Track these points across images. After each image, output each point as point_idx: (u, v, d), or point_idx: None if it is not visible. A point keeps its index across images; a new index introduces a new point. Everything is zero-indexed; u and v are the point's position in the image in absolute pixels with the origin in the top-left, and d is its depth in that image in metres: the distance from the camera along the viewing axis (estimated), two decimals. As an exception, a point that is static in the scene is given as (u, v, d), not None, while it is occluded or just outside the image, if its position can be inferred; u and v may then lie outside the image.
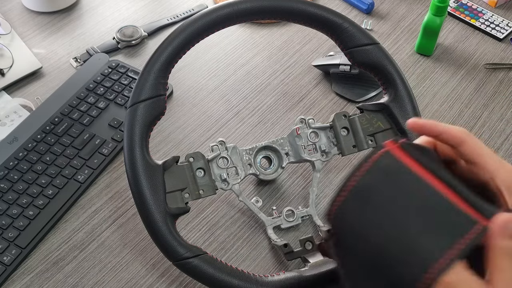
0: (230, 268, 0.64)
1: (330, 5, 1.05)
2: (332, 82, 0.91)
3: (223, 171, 0.69)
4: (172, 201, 0.64)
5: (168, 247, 0.63)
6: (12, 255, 0.70)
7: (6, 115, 0.85)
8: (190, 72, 0.94)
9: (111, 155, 0.80)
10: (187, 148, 0.83)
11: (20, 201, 0.74)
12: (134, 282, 0.70)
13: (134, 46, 0.97)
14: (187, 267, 0.63)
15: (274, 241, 0.70)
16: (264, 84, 0.92)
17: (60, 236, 0.74)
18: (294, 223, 0.72)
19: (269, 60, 0.96)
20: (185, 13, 1.03)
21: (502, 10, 1.05)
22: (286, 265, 0.72)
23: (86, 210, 0.76)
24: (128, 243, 0.73)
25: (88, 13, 1.03)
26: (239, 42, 0.99)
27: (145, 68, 0.65)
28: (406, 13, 1.04)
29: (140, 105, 0.64)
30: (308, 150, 0.72)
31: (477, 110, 0.89)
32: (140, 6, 1.05)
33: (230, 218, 0.76)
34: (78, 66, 0.93)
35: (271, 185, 0.79)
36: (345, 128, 0.71)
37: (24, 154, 0.78)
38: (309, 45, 0.98)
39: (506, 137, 0.86)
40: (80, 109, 0.84)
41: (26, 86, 0.90)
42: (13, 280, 0.70)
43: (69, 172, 0.78)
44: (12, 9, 1.02)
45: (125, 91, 0.87)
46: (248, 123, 0.87)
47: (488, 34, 1.00)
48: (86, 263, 0.71)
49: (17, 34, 0.97)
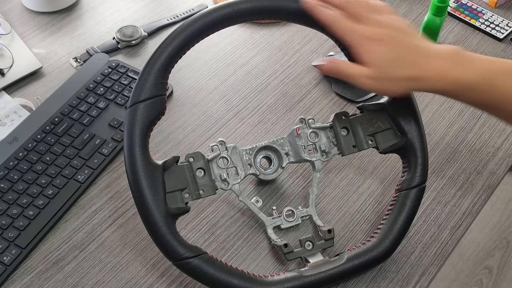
0: (230, 268, 0.64)
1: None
2: (332, 82, 0.91)
3: (223, 171, 0.69)
4: (172, 201, 0.64)
5: (168, 247, 0.63)
6: (12, 255, 0.70)
7: (6, 115, 0.85)
8: (190, 72, 0.94)
9: (111, 155, 0.80)
10: (187, 148, 0.83)
11: (20, 201, 0.74)
12: (134, 282, 0.70)
13: (134, 46, 0.97)
14: (187, 267, 0.63)
15: (274, 241, 0.70)
16: (264, 84, 0.92)
17: (60, 236, 0.74)
18: (294, 223, 0.72)
19: (269, 60, 0.96)
20: (185, 13, 1.03)
21: (502, 10, 1.05)
22: (286, 265, 0.72)
23: (86, 210, 0.76)
24: (128, 243, 0.73)
25: (88, 13, 1.03)
26: (239, 42, 0.99)
27: (145, 68, 0.65)
28: (406, 13, 1.04)
29: (140, 105, 0.64)
30: (308, 150, 0.72)
31: (477, 110, 0.89)
32: (140, 6, 1.05)
33: (230, 218, 0.76)
34: (78, 66, 0.93)
35: (271, 185, 0.79)
36: (345, 128, 0.71)
37: (24, 154, 0.78)
38: (309, 45, 0.98)
39: (506, 137, 0.86)
40: (80, 109, 0.84)
41: (26, 86, 0.90)
42: (13, 280, 0.70)
43: (69, 172, 0.78)
44: (12, 9, 1.02)
45: (125, 91, 0.88)
46: (248, 123, 0.87)
47: (488, 34, 1.00)
48: (86, 263, 0.72)
49: (17, 34, 0.97)
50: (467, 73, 0.60)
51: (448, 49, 0.61)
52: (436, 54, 0.61)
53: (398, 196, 0.69)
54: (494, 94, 0.61)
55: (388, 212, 0.70)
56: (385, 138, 0.71)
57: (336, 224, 0.76)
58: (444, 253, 0.73)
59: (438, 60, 0.60)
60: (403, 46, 0.61)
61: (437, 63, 0.60)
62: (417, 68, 0.60)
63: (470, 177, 0.81)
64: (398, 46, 0.61)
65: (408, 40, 0.61)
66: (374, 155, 0.83)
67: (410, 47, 0.61)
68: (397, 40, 0.61)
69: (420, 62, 0.60)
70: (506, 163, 0.82)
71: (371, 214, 0.77)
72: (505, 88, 0.60)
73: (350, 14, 0.63)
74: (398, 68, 0.60)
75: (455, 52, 0.61)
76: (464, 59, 0.61)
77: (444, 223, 0.76)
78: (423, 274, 0.71)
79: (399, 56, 0.60)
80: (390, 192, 0.79)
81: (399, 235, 0.68)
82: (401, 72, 0.60)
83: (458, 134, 0.86)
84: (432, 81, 0.60)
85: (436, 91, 0.62)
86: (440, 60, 0.60)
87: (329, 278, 0.66)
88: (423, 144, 0.69)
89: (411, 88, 0.63)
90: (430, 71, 0.60)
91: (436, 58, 0.60)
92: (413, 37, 0.62)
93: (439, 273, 0.72)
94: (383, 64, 0.60)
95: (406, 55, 0.60)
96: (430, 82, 0.60)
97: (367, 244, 0.68)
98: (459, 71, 0.60)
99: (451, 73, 0.60)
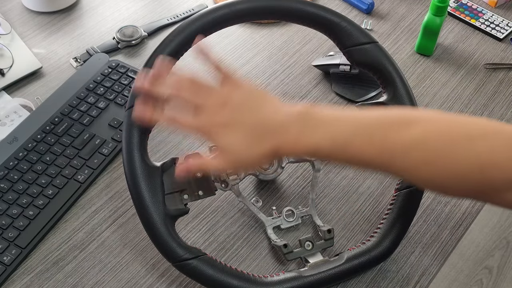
0: (229, 269, 0.64)
1: (330, 5, 1.05)
2: (332, 82, 0.91)
3: (222, 171, 0.69)
4: (171, 203, 0.64)
5: (167, 248, 0.63)
6: (12, 255, 0.70)
7: (6, 115, 0.85)
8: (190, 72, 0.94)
9: (111, 155, 0.80)
10: (187, 148, 0.83)
11: (20, 201, 0.74)
12: (134, 282, 0.70)
13: (134, 46, 0.97)
14: (186, 268, 0.63)
15: (274, 241, 0.70)
16: (264, 84, 0.92)
17: (60, 236, 0.74)
18: (294, 223, 0.72)
19: (269, 60, 0.96)
20: (185, 13, 1.03)
21: (502, 10, 1.05)
22: (286, 265, 0.72)
23: (86, 210, 0.76)
24: (128, 243, 0.73)
25: (88, 13, 1.03)
26: (239, 42, 0.99)
27: (143, 69, 0.65)
28: (406, 13, 1.04)
29: None
30: (308, 150, 0.71)
31: (477, 110, 0.89)
32: (140, 6, 1.05)
33: (230, 218, 0.76)
34: (78, 66, 0.93)
35: (271, 185, 0.79)
36: (345, 128, 0.71)
37: (24, 154, 0.78)
38: (309, 45, 0.98)
39: (506, 137, 0.86)
40: (80, 109, 0.84)
41: (26, 86, 0.90)
42: (13, 280, 0.70)
43: (69, 172, 0.78)
44: (12, 9, 1.02)
45: (125, 91, 0.87)
46: (248, 123, 0.87)
47: (488, 34, 1.00)
48: (86, 263, 0.72)
49: (17, 34, 0.97)
50: (316, 138, 0.54)
51: (297, 111, 0.56)
52: (286, 119, 0.56)
53: (398, 196, 0.69)
54: (350, 159, 0.55)
55: (388, 212, 0.70)
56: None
57: (336, 224, 0.76)
58: (444, 253, 0.73)
59: (288, 127, 0.55)
60: (250, 124, 0.56)
61: (288, 130, 0.55)
62: (271, 142, 0.55)
63: (470, 177, 0.81)
64: (245, 127, 0.56)
65: (253, 115, 0.56)
66: (374, 155, 0.82)
67: (257, 123, 0.56)
68: (241, 120, 0.56)
69: (272, 135, 0.55)
70: (506, 163, 0.82)
71: (371, 214, 0.77)
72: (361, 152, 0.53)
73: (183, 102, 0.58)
74: (254, 147, 0.56)
75: (304, 115, 0.55)
76: (311, 122, 0.55)
77: (444, 223, 0.76)
78: (423, 274, 0.71)
79: (250, 137, 0.56)
80: (390, 192, 0.79)
81: (399, 235, 0.68)
82: (258, 150, 0.56)
83: (458, 134, 0.86)
84: (289, 149, 0.56)
85: (299, 156, 0.64)
86: (291, 126, 0.55)
87: (329, 278, 0.66)
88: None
89: (274, 157, 0.66)
90: (283, 140, 0.55)
91: (287, 124, 0.55)
92: (257, 106, 0.57)
93: (439, 273, 0.72)
94: (237, 149, 0.56)
95: (256, 132, 0.56)
96: (288, 150, 0.56)
97: (367, 244, 0.68)
98: (309, 137, 0.55)
99: (301, 139, 0.55)
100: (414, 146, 0.51)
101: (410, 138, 0.51)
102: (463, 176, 0.50)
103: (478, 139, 0.50)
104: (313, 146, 0.54)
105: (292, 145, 0.55)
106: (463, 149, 0.50)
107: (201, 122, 0.57)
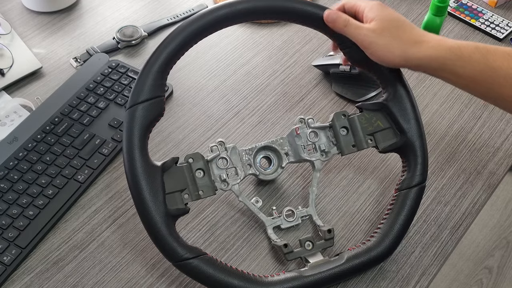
0: (229, 269, 0.64)
1: (330, 5, 1.05)
2: (332, 82, 0.91)
3: (222, 171, 0.69)
4: (172, 202, 0.64)
5: (168, 248, 0.63)
6: (12, 255, 0.70)
7: (6, 115, 0.85)
8: (190, 72, 0.94)
9: (111, 155, 0.80)
10: (187, 148, 0.83)
11: (20, 201, 0.74)
12: (134, 282, 0.70)
13: (134, 46, 0.97)
14: (187, 268, 0.63)
15: (274, 241, 0.70)
16: (264, 84, 0.92)
17: (60, 236, 0.74)
18: (294, 223, 0.72)
19: (269, 60, 0.96)
20: (185, 13, 1.03)
21: (502, 10, 1.05)
22: (286, 265, 0.72)
23: (86, 210, 0.76)
24: (128, 243, 0.73)
25: (88, 13, 1.03)
26: (239, 42, 0.99)
27: (143, 69, 0.65)
28: (406, 13, 1.04)
29: (139, 107, 0.64)
30: (307, 149, 0.72)
31: (477, 110, 0.89)
32: (140, 6, 1.05)
33: (230, 218, 0.76)
34: (78, 66, 0.93)
35: (271, 185, 0.79)
36: (345, 127, 0.71)
37: (24, 154, 0.79)
38: (309, 45, 0.98)
39: (506, 137, 0.86)
40: (80, 109, 0.84)
41: (26, 86, 0.90)
42: (13, 280, 0.70)
43: (69, 172, 0.78)
44: (12, 9, 1.02)
45: (125, 91, 0.88)
46: (248, 123, 0.87)
47: (488, 34, 1.00)
48: (86, 263, 0.72)
49: (17, 34, 0.97)
50: (463, 43, 0.64)
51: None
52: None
53: (398, 196, 0.69)
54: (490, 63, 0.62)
55: (388, 212, 0.70)
56: (385, 137, 0.71)
57: (336, 224, 0.76)
58: (444, 253, 0.73)
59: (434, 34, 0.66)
60: (405, 20, 0.67)
61: (433, 35, 0.66)
62: (417, 34, 0.65)
63: (470, 177, 0.81)
64: (401, 17, 0.67)
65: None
66: (374, 155, 0.83)
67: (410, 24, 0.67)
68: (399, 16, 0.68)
69: (419, 31, 0.66)
70: (506, 163, 0.82)
71: (371, 214, 0.77)
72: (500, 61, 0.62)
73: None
74: (400, 30, 0.65)
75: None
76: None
77: (444, 223, 0.76)
78: (423, 274, 0.71)
79: (402, 21, 0.66)
80: (390, 192, 0.79)
81: (399, 235, 0.68)
82: (403, 33, 0.65)
83: (458, 134, 0.86)
84: (430, 47, 0.64)
85: (432, 60, 0.64)
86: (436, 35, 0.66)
87: (329, 278, 0.66)
88: (422, 143, 0.69)
89: (408, 55, 0.65)
90: (429, 37, 0.65)
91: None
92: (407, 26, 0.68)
93: (439, 273, 0.72)
94: (387, 21, 0.66)
95: (407, 23, 0.67)
96: (428, 48, 0.64)
97: (367, 244, 0.68)
98: (455, 41, 0.64)
99: (448, 41, 0.64)
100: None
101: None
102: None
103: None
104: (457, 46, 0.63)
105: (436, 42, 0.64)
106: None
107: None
